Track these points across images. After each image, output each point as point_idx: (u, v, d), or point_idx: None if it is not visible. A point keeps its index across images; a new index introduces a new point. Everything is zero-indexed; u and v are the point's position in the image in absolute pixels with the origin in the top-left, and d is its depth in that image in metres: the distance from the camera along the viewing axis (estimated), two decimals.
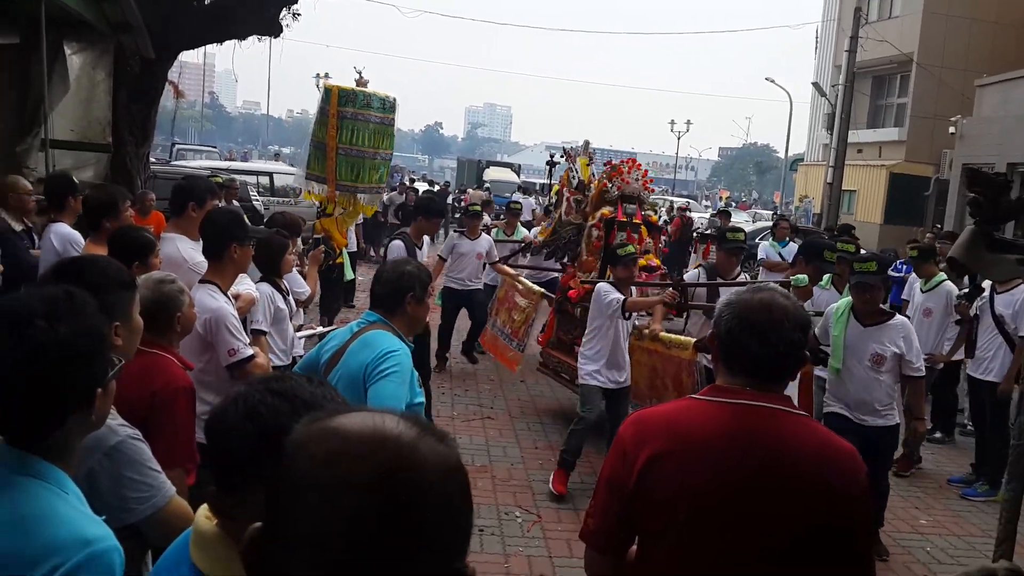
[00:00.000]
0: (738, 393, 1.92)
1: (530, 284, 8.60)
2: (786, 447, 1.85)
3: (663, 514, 1.88)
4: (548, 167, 12.12)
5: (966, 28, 24.55)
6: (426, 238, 7.79)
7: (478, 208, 9.89)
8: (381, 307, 3.21)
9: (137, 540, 2.15)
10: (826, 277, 6.56)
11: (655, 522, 1.90)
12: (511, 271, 9.13)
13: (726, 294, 3.68)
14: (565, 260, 8.07)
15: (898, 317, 5.21)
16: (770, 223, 25.44)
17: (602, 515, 2.00)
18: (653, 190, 7.81)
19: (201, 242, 4.39)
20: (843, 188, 23.69)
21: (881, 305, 5.22)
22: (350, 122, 7.03)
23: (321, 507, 0.85)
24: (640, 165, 7.71)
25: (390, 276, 3.23)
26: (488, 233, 10.02)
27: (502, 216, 13.26)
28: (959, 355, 7.32)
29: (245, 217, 4.70)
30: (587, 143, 8.46)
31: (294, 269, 5.75)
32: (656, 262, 7.22)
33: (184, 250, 4.35)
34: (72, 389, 1.58)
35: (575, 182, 7.89)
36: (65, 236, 5.01)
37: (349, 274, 9.34)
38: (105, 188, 5.46)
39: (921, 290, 7.54)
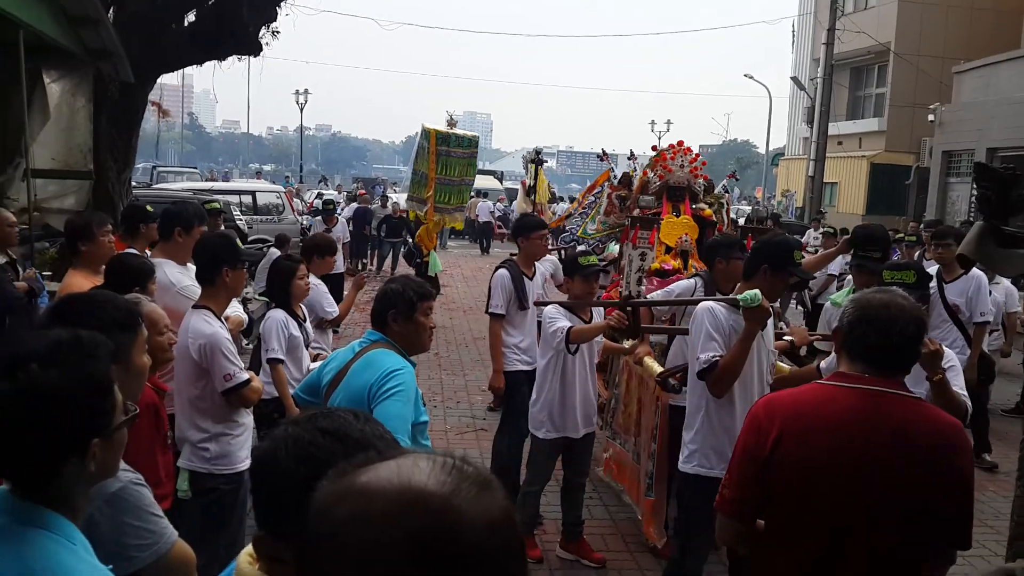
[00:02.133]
0: (859, 379, 2.19)
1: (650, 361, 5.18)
2: (901, 426, 2.12)
3: (790, 485, 2.17)
4: (534, 165, 11.64)
5: (942, 15, 24.77)
6: (538, 264, 6.07)
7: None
8: (378, 326, 3.19)
9: None
10: (843, 292, 5.39)
11: (783, 491, 2.19)
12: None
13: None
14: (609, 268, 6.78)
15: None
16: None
17: (737, 485, 2.30)
18: (706, 177, 6.50)
19: (189, 266, 4.36)
20: (824, 181, 23.85)
21: None
22: (444, 158, 9.43)
23: (352, 574, 0.80)
24: (689, 149, 6.57)
25: (378, 295, 3.21)
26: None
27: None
28: None
29: (238, 241, 4.66)
30: (537, 151, 8.06)
31: (318, 287, 5.64)
32: (673, 264, 5.86)
33: (172, 274, 4.33)
34: (60, 437, 1.52)
35: (615, 178, 7.24)
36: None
37: (436, 267, 11.05)
38: (81, 214, 5.42)
39: None
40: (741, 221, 15.66)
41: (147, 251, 4.82)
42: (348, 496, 0.83)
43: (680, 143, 6.61)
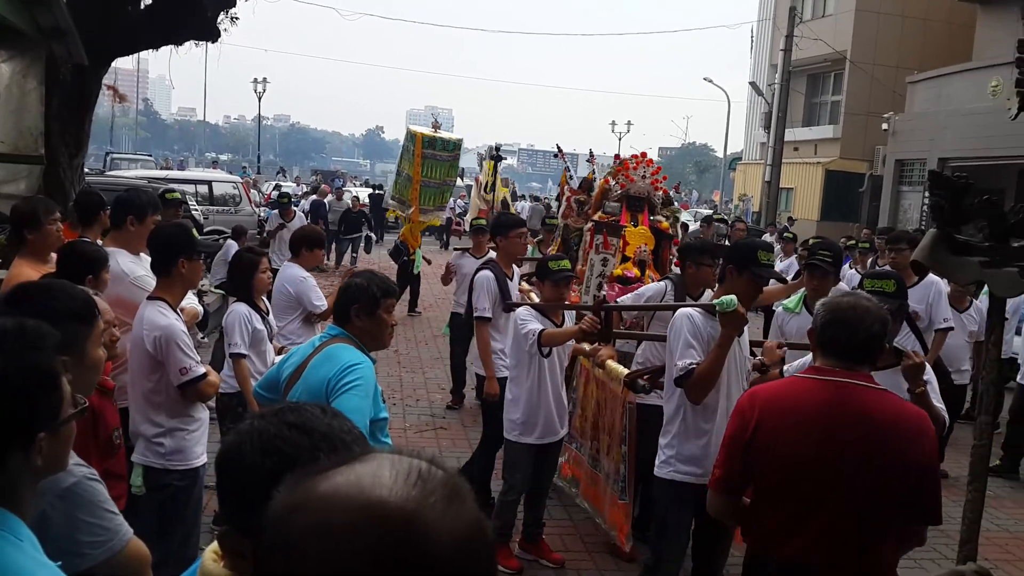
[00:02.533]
0: (830, 372, 2.53)
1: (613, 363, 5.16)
2: (866, 412, 2.45)
3: (768, 467, 2.54)
4: (492, 162, 11.61)
5: (897, 25, 25.26)
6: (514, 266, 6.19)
7: (482, 223, 8.58)
8: (339, 320, 3.17)
9: None
10: (797, 297, 5.27)
11: (763, 471, 2.57)
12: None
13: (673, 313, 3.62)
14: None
15: None
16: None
17: (725, 464, 2.68)
18: (665, 190, 6.55)
19: (142, 256, 4.27)
20: (780, 186, 24.19)
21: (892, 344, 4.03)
22: (429, 161, 10.08)
23: (318, 563, 0.75)
24: (651, 161, 6.64)
25: (341, 288, 3.20)
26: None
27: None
28: None
29: (193, 231, 4.57)
30: (496, 147, 8.05)
31: (306, 280, 5.61)
32: (635, 272, 5.89)
33: (124, 264, 4.21)
34: (2, 429, 1.48)
35: (574, 181, 7.22)
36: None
37: (419, 266, 11.68)
38: (28, 200, 5.24)
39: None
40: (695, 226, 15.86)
41: (99, 240, 4.69)
42: (307, 506, 0.78)
43: (643, 154, 6.68)
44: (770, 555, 2.60)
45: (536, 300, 5.17)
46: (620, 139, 63.45)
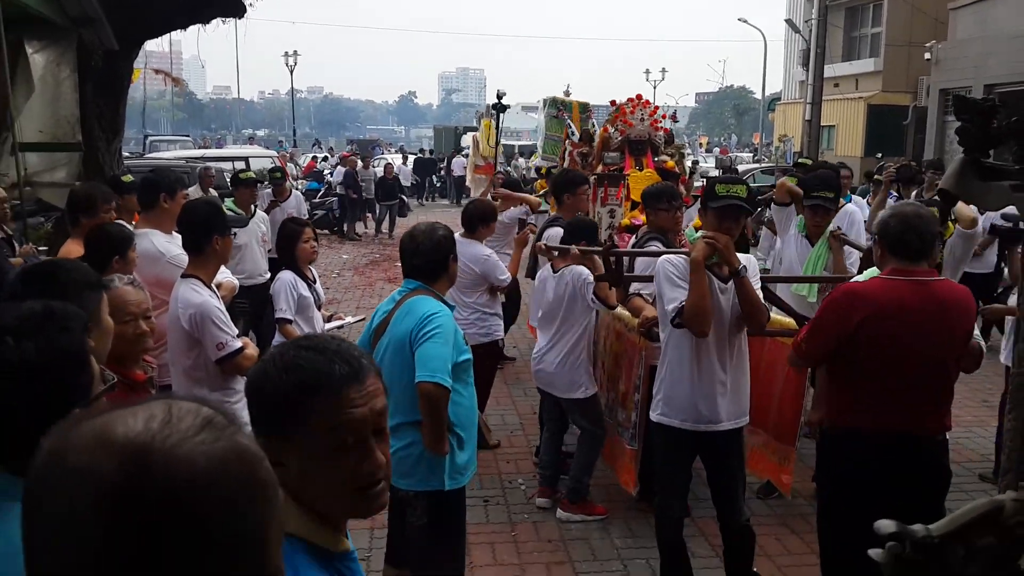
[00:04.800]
0: (911, 272, 3.15)
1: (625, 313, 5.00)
2: (944, 302, 3.15)
3: (873, 355, 3.14)
4: (495, 112, 9.96)
5: None
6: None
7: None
8: (420, 275, 3.38)
9: None
10: (797, 221, 5.49)
11: (867, 357, 3.15)
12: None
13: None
14: None
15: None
16: (755, 165, 25.37)
17: (816, 346, 3.33)
18: (667, 130, 6.57)
19: (174, 235, 4.34)
20: (822, 124, 23.63)
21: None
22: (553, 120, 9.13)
23: (53, 528, 0.74)
24: (648, 103, 6.66)
25: (427, 246, 3.39)
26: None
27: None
28: None
29: (223, 207, 4.63)
30: (499, 95, 7.76)
31: (489, 258, 5.66)
32: (642, 219, 5.66)
33: (160, 244, 4.29)
34: (39, 409, 1.51)
35: (576, 135, 7.30)
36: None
37: None
38: (85, 186, 5.34)
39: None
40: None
41: (132, 223, 4.77)
42: (57, 448, 0.76)
43: (639, 96, 6.61)
44: (865, 427, 3.18)
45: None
46: (655, 87, 62.45)
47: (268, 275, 6.83)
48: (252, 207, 7.49)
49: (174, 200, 4.42)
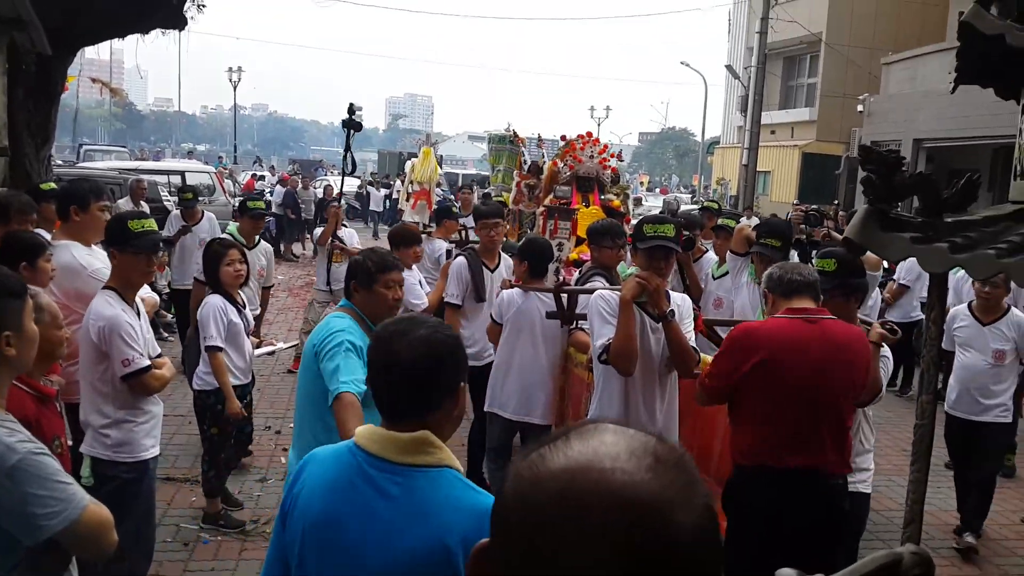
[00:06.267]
0: (804, 310, 3.26)
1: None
2: (835, 337, 3.22)
3: (763, 387, 3.19)
4: (345, 131, 8.05)
5: (872, 6, 25.29)
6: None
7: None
8: (346, 294, 3.33)
9: (56, 553, 2.12)
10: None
11: (754, 387, 3.22)
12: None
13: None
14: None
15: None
16: (693, 205, 25.85)
17: (717, 383, 3.36)
18: (614, 168, 6.69)
19: (96, 248, 4.22)
20: (758, 169, 24.22)
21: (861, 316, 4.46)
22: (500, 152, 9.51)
23: (554, 553, 0.75)
24: (598, 140, 6.77)
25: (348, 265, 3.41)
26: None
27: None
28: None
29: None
30: (350, 110, 7.34)
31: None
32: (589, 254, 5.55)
33: (80, 257, 4.15)
34: None
35: (526, 166, 7.33)
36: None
37: None
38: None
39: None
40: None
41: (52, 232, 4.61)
42: (547, 484, 0.78)
43: (589, 134, 6.69)
44: (772, 466, 3.19)
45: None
46: (599, 124, 63.36)
47: (257, 311, 6.39)
48: (256, 238, 6.83)
49: (86, 213, 4.26)
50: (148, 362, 3.47)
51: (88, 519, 2.06)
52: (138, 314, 3.61)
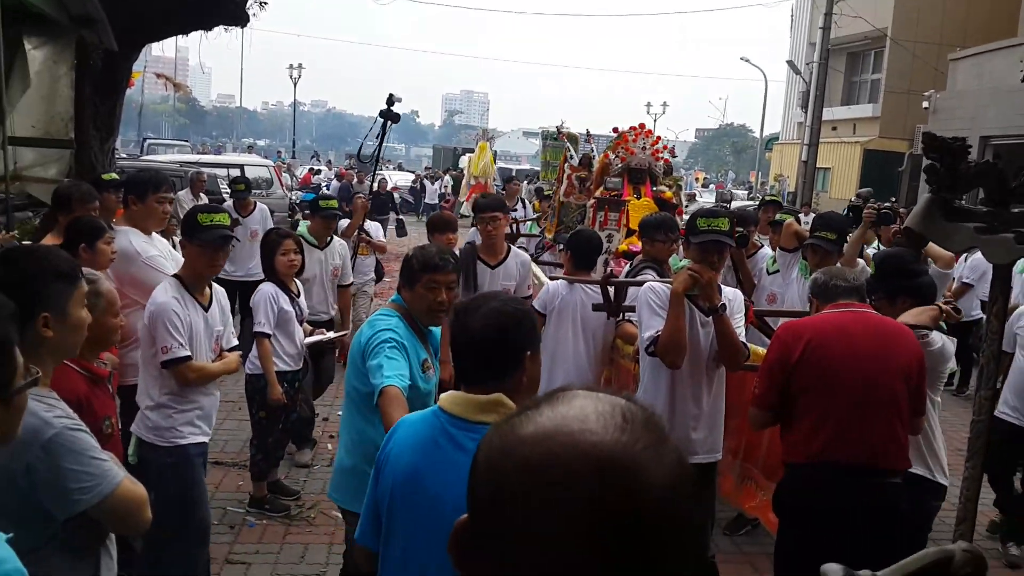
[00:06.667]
0: (849, 305, 3.27)
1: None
2: (882, 326, 3.21)
3: (813, 376, 3.13)
4: (383, 122, 7.39)
5: (939, 2, 24.62)
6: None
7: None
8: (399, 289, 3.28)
9: (91, 529, 2.14)
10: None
11: (802, 379, 3.15)
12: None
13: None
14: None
15: None
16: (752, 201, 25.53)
17: (767, 386, 3.26)
18: (667, 160, 6.60)
19: (154, 236, 4.32)
20: (818, 166, 23.78)
21: None
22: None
23: (528, 516, 0.75)
24: (651, 132, 6.68)
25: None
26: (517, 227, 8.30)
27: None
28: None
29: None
30: (389, 101, 7.10)
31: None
32: (640, 246, 5.57)
33: (137, 243, 4.24)
34: None
35: (575, 159, 7.31)
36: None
37: None
38: (69, 186, 5.29)
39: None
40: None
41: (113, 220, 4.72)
42: (518, 449, 0.77)
43: (642, 125, 6.60)
44: (824, 462, 3.09)
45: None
46: (655, 121, 62.79)
47: (333, 312, 6.40)
48: (329, 237, 6.37)
49: (143, 203, 4.35)
50: (186, 352, 3.48)
51: (121, 495, 2.08)
52: (207, 306, 3.65)
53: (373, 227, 8.16)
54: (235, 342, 3.88)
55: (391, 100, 7.31)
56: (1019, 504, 5.20)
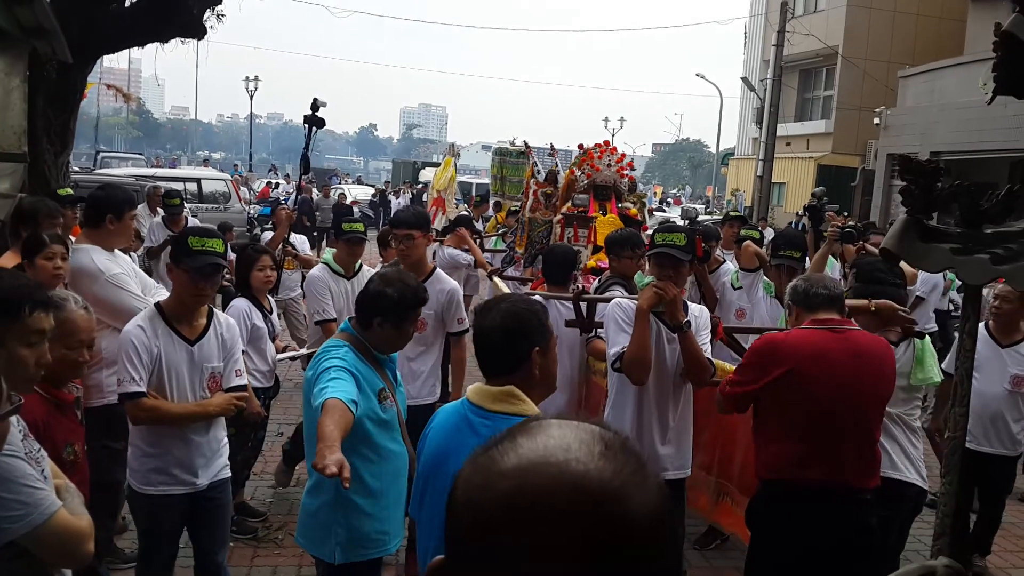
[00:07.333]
0: (829, 320, 3.23)
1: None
2: (860, 348, 3.19)
3: (789, 399, 3.14)
4: (309, 128, 7.26)
5: (889, 20, 25.27)
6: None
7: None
8: (360, 324, 3.01)
9: (29, 559, 2.05)
10: (764, 283, 5.55)
11: (778, 399, 3.18)
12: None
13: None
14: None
15: None
16: (715, 216, 25.84)
17: (738, 392, 3.30)
18: (631, 177, 6.75)
19: (117, 253, 4.20)
20: (772, 181, 24.16)
21: None
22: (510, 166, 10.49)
23: (514, 551, 0.73)
24: (615, 149, 6.72)
25: (371, 292, 2.99)
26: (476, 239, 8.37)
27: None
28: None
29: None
30: (314, 106, 6.88)
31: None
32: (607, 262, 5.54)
33: (99, 261, 4.07)
34: None
35: (541, 175, 7.36)
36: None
37: None
38: (31, 200, 5.13)
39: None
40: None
41: (71, 238, 4.58)
42: (502, 482, 0.76)
43: (606, 142, 6.70)
44: (797, 480, 3.12)
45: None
46: (613, 135, 63.34)
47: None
48: (356, 265, 5.42)
49: (121, 222, 4.21)
50: (138, 388, 3.19)
51: (55, 526, 2.00)
52: (195, 340, 3.33)
53: (299, 240, 7.93)
54: (239, 381, 3.50)
55: (315, 105, 7.06)
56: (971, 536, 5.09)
